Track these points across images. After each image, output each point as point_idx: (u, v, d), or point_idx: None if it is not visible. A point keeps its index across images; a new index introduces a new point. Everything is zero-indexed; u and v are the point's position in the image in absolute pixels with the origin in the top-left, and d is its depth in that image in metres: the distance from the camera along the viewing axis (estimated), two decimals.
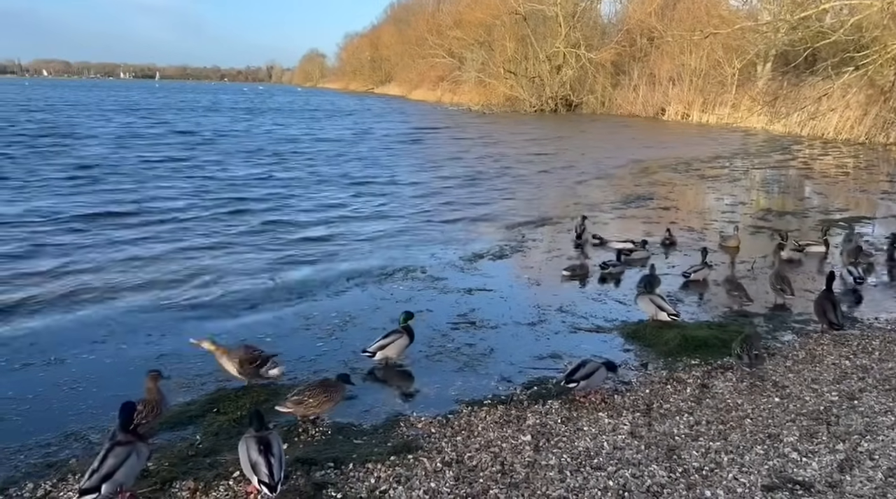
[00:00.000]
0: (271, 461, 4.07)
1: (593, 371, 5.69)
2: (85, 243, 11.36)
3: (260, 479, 4.03)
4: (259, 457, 4.09)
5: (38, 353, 6.80)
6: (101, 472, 3.95)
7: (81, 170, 19.25)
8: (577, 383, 5.63)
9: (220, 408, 5.57)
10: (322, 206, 15.62)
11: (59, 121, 37.64)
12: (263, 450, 4.12)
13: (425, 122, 44.74)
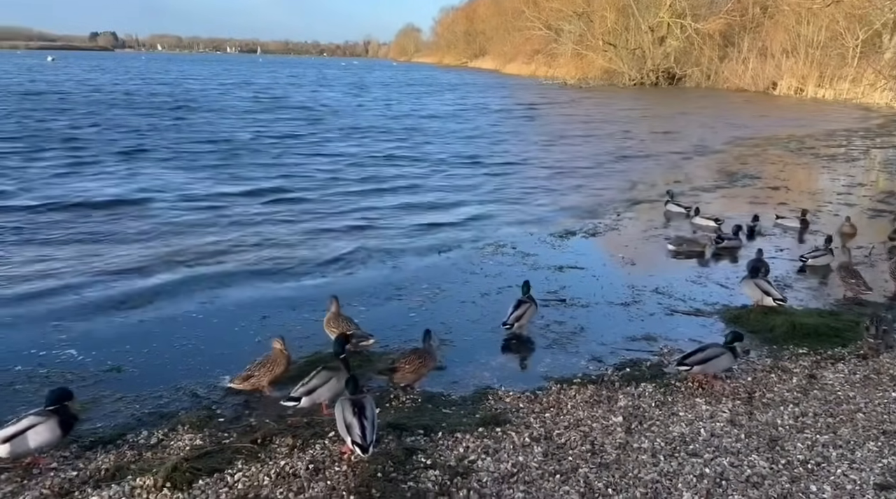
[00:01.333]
0: (364, 424, 4.18)
1: (713, 357, 5.47)
2: (210, 215, 11.86)
3: (353, 440, 4.16)
4: (353, 419, 4.22)
5: (153, 309, 7.28)
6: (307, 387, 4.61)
7: (215, 144, 20.00)
8: (690, 367, 5.43)
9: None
10: (430, 181, 15.79)
11: (188, 95, 39.50)
12: (358, 413, 4.24)
13: (529, 98, 44.10)
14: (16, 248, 9.40)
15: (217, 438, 4.64)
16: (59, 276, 8.26)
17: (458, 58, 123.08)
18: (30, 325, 6.77)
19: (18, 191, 12.91)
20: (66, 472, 4.19)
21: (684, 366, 5.47)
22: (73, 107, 29.72)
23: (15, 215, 11.07)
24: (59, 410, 4.29)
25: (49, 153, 17.19)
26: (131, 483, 4.03)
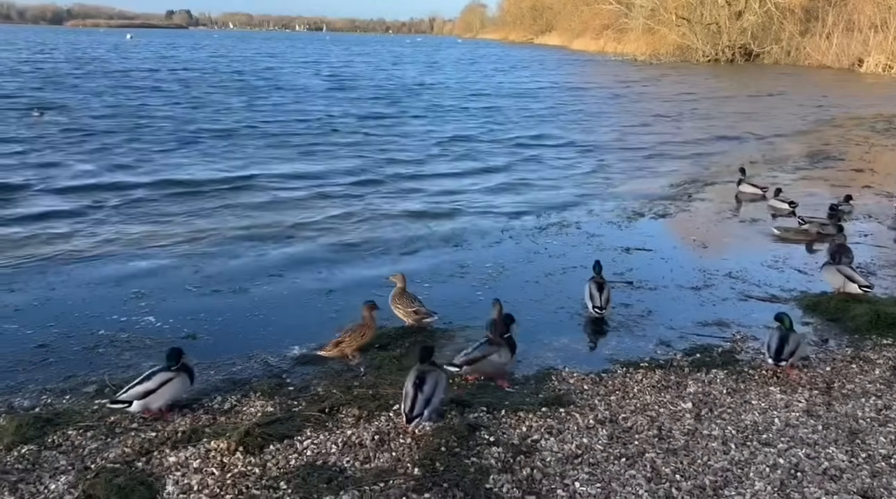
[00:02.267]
0: (418, 396, 4.24)
1: (798, 344, 5.25)
2: (290, 194, 12.07)
3: (402, 409, 4.23)
4: (411, 389, 4.29)
5: (226, 281, 7.52)
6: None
7: (305, 123, 20.28)
8: (785, 361, 5.20)
9: (382, 344, 5.84)
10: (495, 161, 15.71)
11: (270, 73, 40.29)
12: (417, 384, 4.29)
13: (603, 76, 43.07)
14: (113, 221, 9.88)
15: (287, 405, 4.77)
16: (141, 248, 8.65)
17: (523, 34, 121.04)
18: (113, 292, 7.11)
19: (117, 168, 13.51)
20: (145, 433, 4.39)
21: (782, 362, 5.19)
22: (165, 85, 30.77)
23: (111, 193, 11.58)
24: (183, 366, 4.65)
25: (148, 131, 17.84)
26: (206, 446, 4.21)
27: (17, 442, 4.21)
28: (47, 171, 12.88)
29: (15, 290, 7.06)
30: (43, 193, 11.29)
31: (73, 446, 4.23)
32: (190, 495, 3.72)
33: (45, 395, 4.96)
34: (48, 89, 26.97)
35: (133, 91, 27.50)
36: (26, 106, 21.10)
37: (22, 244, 8.60)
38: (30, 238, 8.87)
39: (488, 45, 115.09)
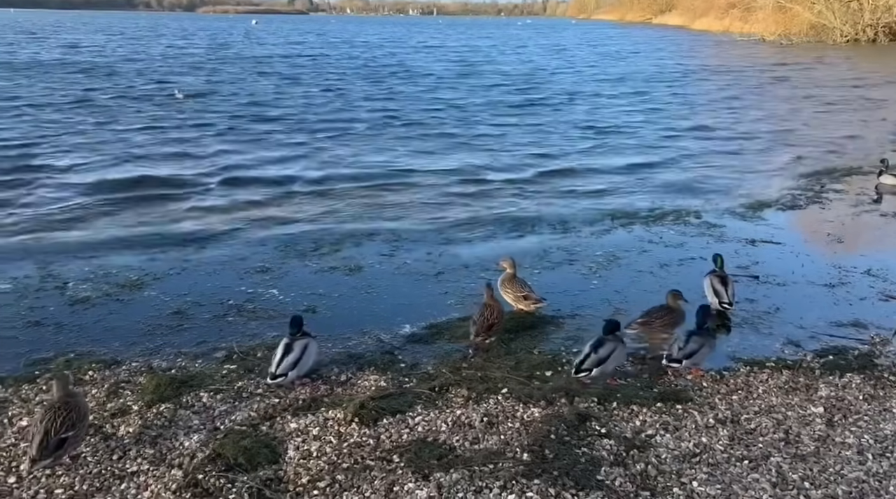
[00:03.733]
0: (590, 355, 4.72)
1: None
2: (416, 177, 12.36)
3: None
4: (587, 348, 4.78)
5: (342, 259, 7.80)
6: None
7: (444, 111, 19.96)
8: None
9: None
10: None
11: (399, 59, 40.77)
12: (595, 345, 4.78)
13: (745, 59, 40.44)
14: (242, 199, 10.46)
15: (399, 381, 4.90)
16: (265, 225, 9.14)
17: (641, 14, 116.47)
18: (241, 266, 7.55)
19: (253, 150, 14.27)
20: (269, 399, 4.65)
21: None
22: (299, 71, 31.80)
23: (242, 172, 12.32)
24: (305, 333, 4.88)
25: (291, 120, 18.08)
26: (324, 415, 4.40)
27: (155, 400, 4.57)
28: (184, 147, 13.89)
29: (156, 259, 7.66)
30: (184, 172, 12.10)
31: (204, 406, 4.55)
32: (309, 461, 3.91)
33: (180, 358, 5.36)
34: (191, 74, 28.86)
35: (268, 76, 28.42)
36: (169, 89, 22.71)
37: (161, 219, 9.32)
38: (169, 213, 9.59)
39: (604, 26, 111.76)
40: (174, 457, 3.93)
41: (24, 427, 4.18)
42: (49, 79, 25.39)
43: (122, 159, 12.74)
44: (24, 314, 6.10)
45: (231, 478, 3.70)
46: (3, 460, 3.86)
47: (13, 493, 3.57)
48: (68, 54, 37.83)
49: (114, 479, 3.73)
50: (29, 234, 8.49)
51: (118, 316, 6.15)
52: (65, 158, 12.59)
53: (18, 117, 16.90)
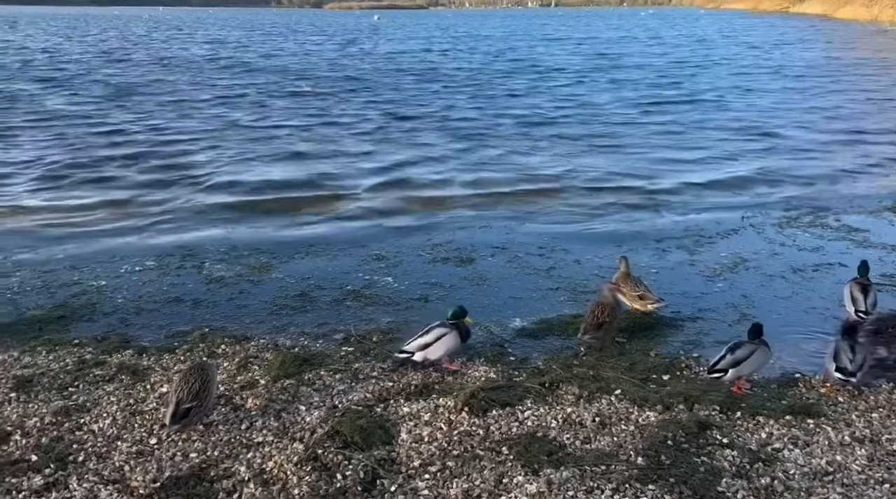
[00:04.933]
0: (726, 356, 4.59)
1: None
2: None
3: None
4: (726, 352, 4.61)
5: (455, 251, 7.89)
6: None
7: (587, 107, 19.37)
8: None
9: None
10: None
11: (520, 54, 40.26)
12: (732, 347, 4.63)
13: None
14: (359, 190, 10.90)
15: (509, 374, 4.90)
16: (382, 214, 9.43)
17: (777, 2, 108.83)
18: (360, 253, 7.83)
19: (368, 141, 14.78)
20: (383, 382, 4.79)
21: None
22: (437, 65, 32.53)
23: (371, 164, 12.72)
24: (459, 324, 5.00)
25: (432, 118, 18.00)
26: (435, 401, 4.48)
27: (280, 376, 4.84)
28: (326, 145, 14.56)
29: (283, 244, 8.09)
30: (328, 169, 12.56)
31: (324, 385, 4.76)
32: (421, 445, 3.99)
33: (303, 337, 5.64)
34: (328, 70, 30.17)
35: (404, 73, 28.55)
36: (316, 84, 23.87)
37: (285, 205, 9.84)
38: (297, 200, 10.11)
39: (737, 15, 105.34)
40: (296, 431, 4.15)
41: (164, 394, 4.56)
42: (200, 75, 27.11)
43: (273, 157, 12.95)
44: (165, 290, 6.64)
45: (348, 455, 3.85)
46: (146, 423, 4.23)
47: (154, 453, 3.91)
48: (216, 51, 40.37)
49: (241, 447, 3.98)
50: (172, 214, 9.25)
51: (248, 295, 6.56)
52: (210, 152, 13.33)
53: (178, 112, 17.87)
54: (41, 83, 23.18)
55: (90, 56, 35.39)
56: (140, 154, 12.77)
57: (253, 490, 3.57)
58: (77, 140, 13.93)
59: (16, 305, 6.19)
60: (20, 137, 14.07)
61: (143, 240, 8.21)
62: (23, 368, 4.93)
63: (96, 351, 5.23)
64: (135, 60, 32.78)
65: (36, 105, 18.20)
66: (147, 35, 56.83)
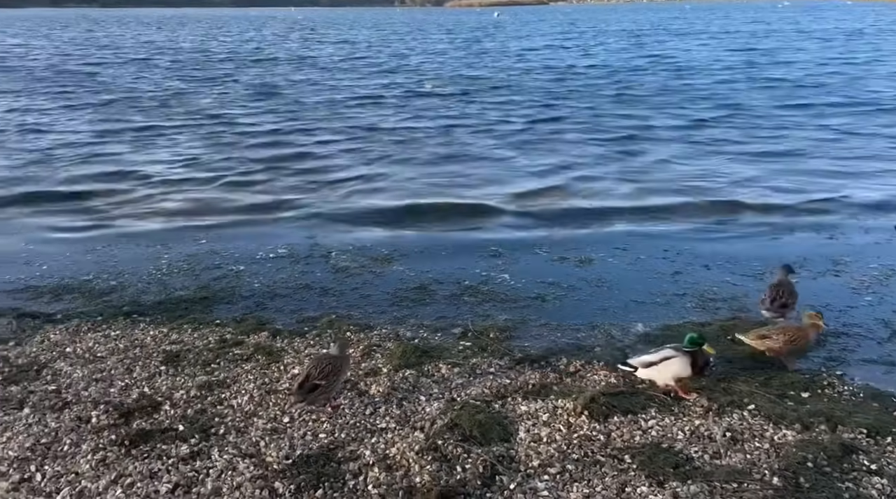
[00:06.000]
0: None
1: None
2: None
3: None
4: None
5: (573, 250, 7.76)
6: None
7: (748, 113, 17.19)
8: None
9: (734, 337, 5.40)
10: None
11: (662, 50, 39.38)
12: None
13: None
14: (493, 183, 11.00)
15: (631, 380, 4.75)
16: (503, 211, 9.45)
17: None
18: (477, 248, 7.89)
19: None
20: (501, 379, 4.80)
21: None
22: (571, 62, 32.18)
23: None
24: (694, 352, 4.45)
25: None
26: (554, 402, 4.43)
27: (401, 365, 4.97)
28: (462, 148, 14.83)
29: (403, 238, 8.32)
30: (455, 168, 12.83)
31: (442, 377, 4.84)
32: (539, 445, 3.97)
33: (422, 329, 5.76)
34: (462, 68, 30.65)
35: (538, 72, 28.02)
36: (425, 80, 24.29)
37: (410, 202, 10.09)
38: (426, 207, 10.31)
39: (888, 7, 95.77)
40: (416, 420, 4.25)
41: (296, 375, 4.82)
42: (337, 74, 27.70)
43: (412, 161, 12.65)
44: (296, 277, 7.01)
45: (467, 448, 3.90)
46: (280, 402, 4.49)
47: (287, 431, 4.15)
48: (349, 51, 41.52)
49: (366, 432, 4.14)
50: (306, 210, 9.74)
51: (371, 286, 6.79)
52: (350, 155, 13.42)
53: (318, 112, 18.22)
54: (192, 82, 24.94)
55: (234, 56, 37.58)
56: (284, 156, 12.99)
57: (377, 474, 3.70)
58: (223, 139, 14.71)
59: (165, 285, 6.77)
60: (171, 135, 15.16)
61: (277, 231, 8.69)
62: (171, 343, 5.39)
63: (235, 331, 5.61)
64: (276, 61, 34.32)
65: (186, 104, 19.54)
66: (284, 36, 59.84)
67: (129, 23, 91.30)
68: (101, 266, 7.31)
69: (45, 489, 3.58)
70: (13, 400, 4.47)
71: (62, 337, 5.47)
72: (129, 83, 24.60)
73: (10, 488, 3.59)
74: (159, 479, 3.67)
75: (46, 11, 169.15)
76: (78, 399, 4.48)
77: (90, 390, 4.61)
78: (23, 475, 3.69)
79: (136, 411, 4.32)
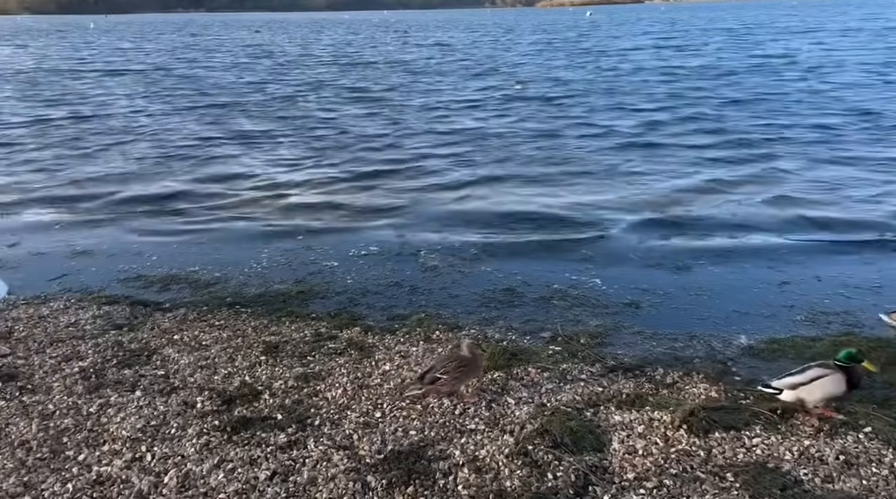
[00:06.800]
0: None
1: None
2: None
3: None
4: None
5: (669, 257, 7.49)
6: None
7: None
8: None
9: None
10: None
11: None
12: None
13: None
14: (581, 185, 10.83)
15: (733, 396, 4.52)
16: (589, 214, 9.26)
17: None
18: (567, 253, 7.76)
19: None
20: (592, 386, 4.68)
21: None
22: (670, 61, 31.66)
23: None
24: (850, 369, 4.13)
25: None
26: (649, 414, 4.27)
27: (490, 367, 4.94)
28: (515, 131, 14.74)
29: (490, 239, 8.29)
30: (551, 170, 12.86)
31: (532, 381, 4.77)
32: (635, 458, 3.83)
33: (510, 332, 5.71)
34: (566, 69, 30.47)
35: (649, 72, 27.46)
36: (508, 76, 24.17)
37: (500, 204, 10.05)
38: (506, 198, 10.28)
39: None
40: (506, 423, 4.21)
41: (387, 371, 4.89)
42: (435, 77, 27.69)
43: (513, 173, 13.48)
44: (387, 275, 7.13)
45: (558, 455, 3.82)
46: (371, 397, 4.56)
47: (378, 426, 4.21)
48: (445, 53, 41.92)
49: (455, 432, 4.13)
50: (398, 209, 9.90)
51: (460, 286, 6.81)
52: (453, 159, 13.81)
53: (425, 116, 18.08)
54: (295, 86, 25.58)
55: (334, 59, 38.47)
56: (382, 160, 13.05)
57: (467, 475, 3.68)
58: (324, 142, 14.96)
59: (265, 279, 7.05)
60: (275, 138, 15.48)
61: (369, 229, 8.85)
62: (270, 335, 5.59)
63: (329, 326, 5.76)
64: (375, 64, 34.85)
65: (290, 108, 19.98)
66: (380, 39, 60.93)
67: (231, 26, 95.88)
68: (206, 259, 7.70)
69: (154, 469, 3.79)
70: (126, 383, 4.76)
71: (171, 325, 5.79)
72: (236, 87, 25.67)
73: (123, 465, 3.82)
74: (258, 466, 3.80)
75: (156, 17, 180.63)
76: (184, 384, 4.73)
77: (196, 376, 4.85)
78: (134, 454, 3.92)
79: (238, 399, 4.50)
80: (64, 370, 4.95)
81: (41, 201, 10.48)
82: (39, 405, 4.47)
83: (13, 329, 5.68)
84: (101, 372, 4.92)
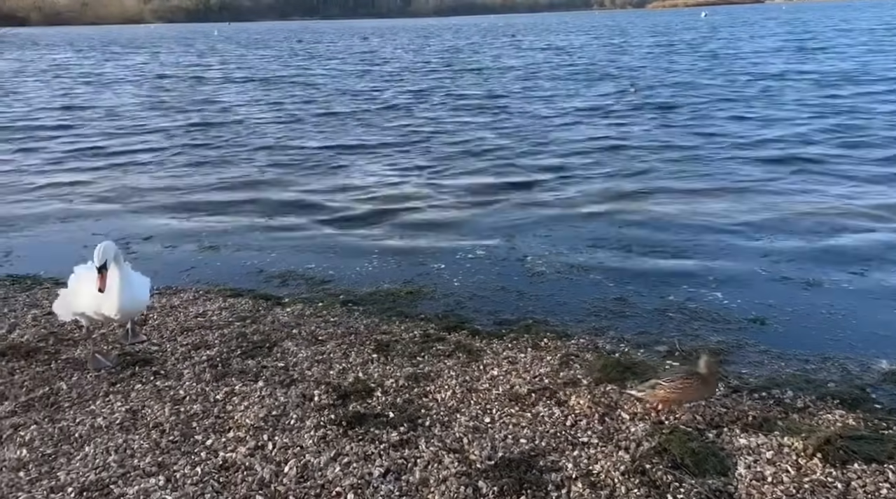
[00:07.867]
0: None
1: None
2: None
3: None
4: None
5: (797, 270, 7.01)
6: None
7: None
8: None
9: None
10: None
11: None
12: None
13: None
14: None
15: (874, 425, 4.14)
16: (756, 228, 8.84)
17: None
18: (677, 263, 7.44)
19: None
20: (715, 406, 4.43)
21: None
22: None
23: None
24: None
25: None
26: (779, 439, 3.98)
27: (602, 379, 4.78)
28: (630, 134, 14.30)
29: (599, 245, 8.09)
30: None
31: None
32: (763, 485, 3.58)
33: (623, 343, 5.51)
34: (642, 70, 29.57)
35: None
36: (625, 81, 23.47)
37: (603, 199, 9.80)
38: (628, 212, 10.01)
39: None
40: (620, 439, 4.06)
41: (495, 376, 4.86)
42: (547, 83, 26.89)
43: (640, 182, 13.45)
44: (493, 279, 7.11)
45: (678, 477, 3.63)
46: (480, 401, 4.54)
47: (488, 431, 4.18)
48: (556, 57, 41.53)
49: (567, 444, 4.03)
50: (508, 214, 9.88)
51: (568, 293, 6.67)
52: (576, 170, 13.95)
53: (541, 125, 17.99)
54: (410, 95, 24.99)
55: (447, 66, 38.33)
56: (489, 167, 12.94)
57: (581, 490, 3.58)
58: (440, 150, 14.77)
59: (375, 278, 7.22)
60: (392, 146, 15.43)
61: (476, 233, 8.85)
62: (381, 333, 5.71)
63: (438, 327, 5.80)
64: (488, 70, 34.28)
65: (406, 117, 19.75)
66: (490, 43, 60.54)
67: (344, 34, 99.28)
68: (321, 257, 7.99)
69: (275, 458, 3.95)
70: (250, 373, 5.01)
71: (289, 319, 6.04)
72: (352, 94, 25.57)
73: (247, 453, 4.00)
74: (372, 462, 3.88)
75: (274, 24, 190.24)
76: (302, 377, 4.91)
77: (313, 370, 5.03)
78: (257, 443, 4.10)
79: (352, 394, 4.62)
80: (193, 358, 5.27)
81: (173, 201, 11.24)
82: (171, 390, 4.78)
83: (148, 317, 6.11)
84: (227, 361, 5.20)
